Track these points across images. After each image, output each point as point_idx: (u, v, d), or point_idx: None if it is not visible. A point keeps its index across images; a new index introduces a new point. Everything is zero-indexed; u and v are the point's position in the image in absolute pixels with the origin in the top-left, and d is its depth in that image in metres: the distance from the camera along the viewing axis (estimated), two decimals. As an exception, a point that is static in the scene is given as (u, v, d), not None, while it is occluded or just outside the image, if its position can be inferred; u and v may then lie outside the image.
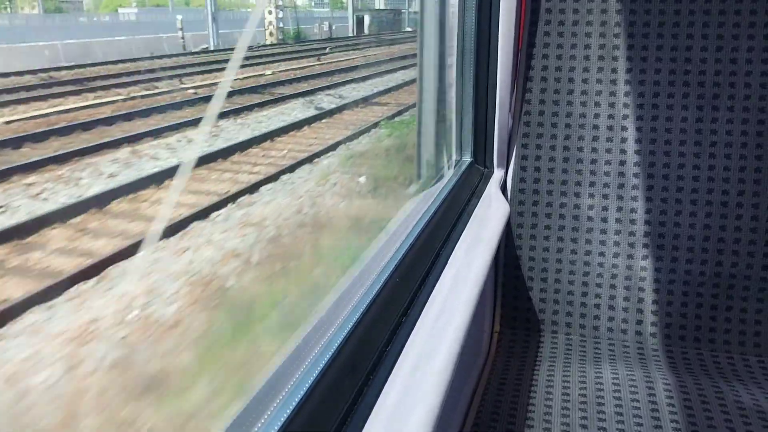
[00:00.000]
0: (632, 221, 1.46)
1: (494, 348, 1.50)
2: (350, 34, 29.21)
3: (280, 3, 24.17)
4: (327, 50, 18.31)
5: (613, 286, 1.48)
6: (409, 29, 32.91)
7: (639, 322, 1.47)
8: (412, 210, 1.27)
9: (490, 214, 1.39)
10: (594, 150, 1.48)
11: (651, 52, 1.43)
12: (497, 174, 1.55)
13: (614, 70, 1.45)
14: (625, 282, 1.48)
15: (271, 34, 23.96)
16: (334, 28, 30.26)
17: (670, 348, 1.45)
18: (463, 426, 1.22)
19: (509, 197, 1.53)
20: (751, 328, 1.42)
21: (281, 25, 24.62)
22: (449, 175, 1.50)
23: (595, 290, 1.49)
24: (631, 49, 1.44)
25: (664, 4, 1.41)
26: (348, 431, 0.67)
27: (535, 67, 1.49)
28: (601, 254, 1.48)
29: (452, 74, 1.60)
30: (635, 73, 1.44)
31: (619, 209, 1.47)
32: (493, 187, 1.49)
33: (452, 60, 1.59)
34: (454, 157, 1.59)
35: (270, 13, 23.75)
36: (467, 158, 1.58)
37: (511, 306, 1.55)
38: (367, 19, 32.41)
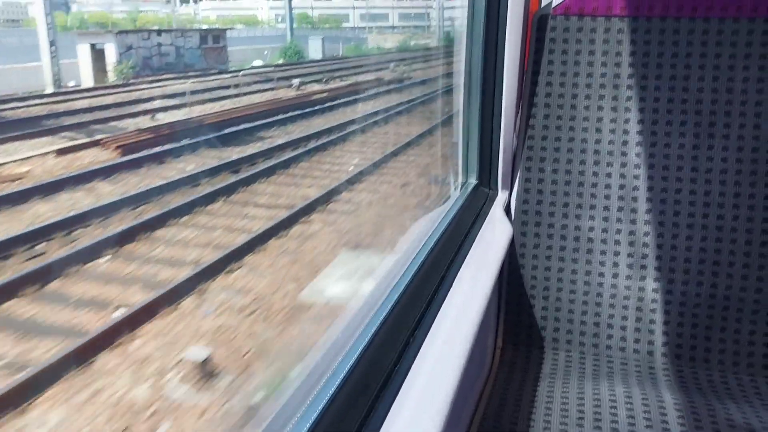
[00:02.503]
0: (631, 243, 1.52)
1: (497, 363, 1.56)
2: (48, 90, 14.04)
3: None
4: None
5: (611, 305, 1.54)
6: (235, 70, 17.67)
7: (636, 341, 1.53)
8: (420, 231, 1.34)
9: (495, 235, 1.45)
10: (595, 174, 1.54)
11: (650, 81, 1.49)
12: (502, 196, 1.61)
13: (615, 98, 1.51)
14: (623, 301, 1.53)
15: None
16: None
17: (666, 365, 1.50)
18: None
19: (513, 218, 1.59)
20: (744, 348, 1.47)
21: None
22: (455, 197, 1.56)
23: (595, 309, 1.55)
24: (631, 78, 1.50)
25: (663, 35, 1.48)
26: None
27: (540, 92, 1.56)
28: (601, 274, 1.54)
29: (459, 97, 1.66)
30: (635, 100, 1.50)
31: (618, 231, 1.53)
32: (497, 209, 1.55)
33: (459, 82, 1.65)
34: (460, 179, 1.66)
35: None
36: (473, 180, 1.65)
37: (514, 323, 1.61)
38: (112, 52, 16.39)
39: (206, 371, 3.50)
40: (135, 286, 4.51)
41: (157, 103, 12.32)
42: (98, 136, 9.07)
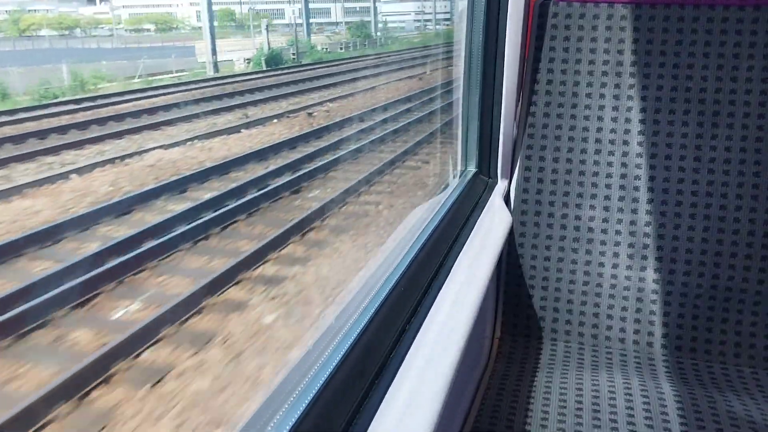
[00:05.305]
0: (632, 233, 1.50)
1: (495, 354, 1.54)
2: None
3: None
4: None
5: (611, 296, 1.52)
6: None
7: (636, 332, 1.51)
8: (418, 219, 1.32)
9: (494, 224, 1.43)
10: (596, 163, 1.51)
11: (654, 69, 1.47)
12: (501, 184, 1.59)
13: (617, 86, 1.49)
14: (623, 292, 1.51)
15: None
16: None
17: (666, 357, 1.49)
18: (462, 429, 1.26)
19: (512, 207, 1.57)
20: (746, 340, 1.46)
21: None
22: (454, 185, 1.54)
23: (594, 299, 1.53)
24: (634, 66, 1.48)
25: (668, 23, 1.45)
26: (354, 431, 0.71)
27: (540, 80, 1.53)
28: (601, 264, 1.52)
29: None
30: (638, 88, 1.48)
31: (619, 221, 1.51)
32: (496, 197, 1.53)
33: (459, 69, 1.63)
34: (459, 167, 1.64)
35: None
36: (472, 168, 1.62)
37: (513, 313, 1.60)
38: None
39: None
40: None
41: None
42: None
